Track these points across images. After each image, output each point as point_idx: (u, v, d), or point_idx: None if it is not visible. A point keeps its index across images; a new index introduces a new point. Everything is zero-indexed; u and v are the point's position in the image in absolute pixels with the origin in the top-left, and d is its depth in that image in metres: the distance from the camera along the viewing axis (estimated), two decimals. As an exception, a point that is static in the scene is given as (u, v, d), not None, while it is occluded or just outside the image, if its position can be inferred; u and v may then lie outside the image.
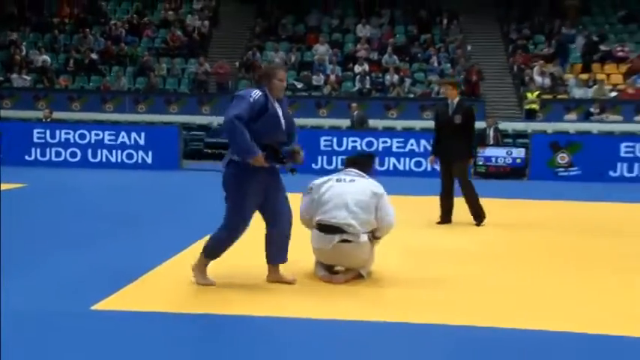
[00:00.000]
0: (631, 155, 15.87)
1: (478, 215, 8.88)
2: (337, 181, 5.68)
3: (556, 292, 5.57)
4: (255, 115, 5.07)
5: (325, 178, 5.77)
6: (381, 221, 5.63)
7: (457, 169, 8.91)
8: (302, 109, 21.77)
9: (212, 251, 5.41)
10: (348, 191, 5.55)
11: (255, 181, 5.20)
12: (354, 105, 19.16)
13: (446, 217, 8.94)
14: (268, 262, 5.55)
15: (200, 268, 5.42)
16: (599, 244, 7.91)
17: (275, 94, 5.25)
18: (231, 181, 5.23)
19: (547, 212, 10.61)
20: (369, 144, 16.18)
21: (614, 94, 22.75)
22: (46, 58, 24.48)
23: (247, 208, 5.28)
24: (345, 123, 19.74)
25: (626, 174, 15.79)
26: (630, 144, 16.05)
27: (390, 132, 18.65)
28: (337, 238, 5.49)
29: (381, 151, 16.08)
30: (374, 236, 5.71)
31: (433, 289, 5.60)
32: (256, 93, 5.17)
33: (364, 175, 5.79)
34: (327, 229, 5.54)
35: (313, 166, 15.51)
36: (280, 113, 5.27)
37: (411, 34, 25.94)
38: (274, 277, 5.54)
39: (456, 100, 8.98)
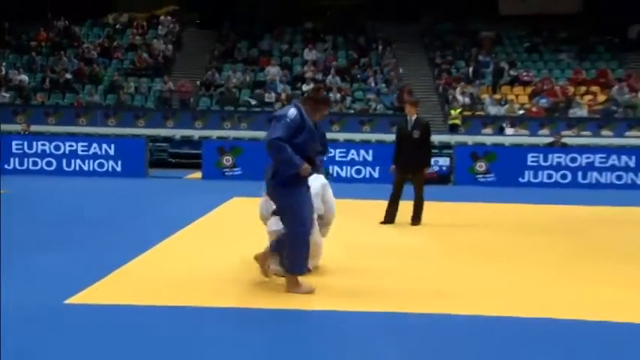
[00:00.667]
0: (536, 164, 16.12)
1: (418, 217, 8.91)
2: None
3: (481, 281, 5.63)
4: (293, 132, 4.92)
5: None
6: (328, 208, 5.85)
7: (416, 177, 8.93)
8: (256, 124, 21.65)
9: (302, 264, 5.08)
10: None
11: (301, 189, 5.04)
12: None
13: (390, 219, 8.92)
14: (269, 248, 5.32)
15: (299, 287, 5.06)
16: (513, 239, 8.04)
17: (312, 118, 5.10)
18: (283, 189, 5.02)
19: (469, 212, 10.77)
20: (315, 154, 16.16)
21: (521, 111, 23.22)
22: (24, 77, 23.86)
23: (304, 207, 5.04)
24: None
25: (532, 180, 16.03)
26: (535, 154, 16.30)
27: (333, 143, 18.52)
28: None
29: (326, 160, 16.01)
30: (322, 223, 5.81)
31: (378, 280, 5.58)
32: (292, 112, 4.98)
33: None
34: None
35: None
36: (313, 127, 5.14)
37: (352, 58, 26.05)
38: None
39: (414, 116, 8.95)
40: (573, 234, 8.65)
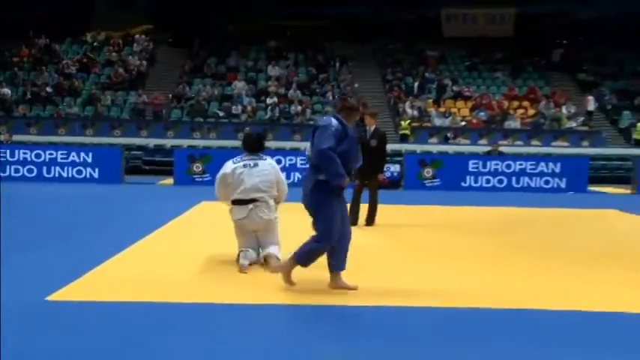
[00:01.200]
0: (476, 170, 16.30)
1: (372, 218, 8.90)
2: (244, 166, 5.83)
3: (431, 275, 5.67)
4: (337, 141, 4.77)
5: (233, 165, 5.85)
6: (281, 191, 5.98)
7: (372, 182, 8.90)
8: (224, 134, 21.55)
9: (306, 259, 4.91)
10: (255, 174, 5.78)
11: (337, 201, 4.89)
12: (247, 129, 19.00)
13: (354, 220, 8.85)
14: (331, 271, 5.00)
15: (288, 271, 4.94)
16: (457, 237, 8.12)
17: (350, 123, 4.97)
18: (322, 198, 4.80)
19: (418, 214, 10.82)
20: (278, 161, 16.02)
21: (463, 123, 23.55)
22: (7, 90, 23.28)
23: (337, 220, 4.85)
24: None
25: (473, 184, 16.19)
26: (475, 161, 16.49)
27: (294, 151, 18.54)
28: (251, 205, 5.71)
29: (288, 167, 15.98)
30: (276, 201, 5.94)
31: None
32: (335, 122, 4.83)
33: (261, 156, 5.97)
34: (243, 202, 5.73)
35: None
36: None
37: (311, 73, 26.11)
38: (337, 284, 4.99)
39: (373, 127, 8.92)
40: (509, 232, 8.79)
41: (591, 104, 24.19)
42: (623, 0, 27.47)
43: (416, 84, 25.39)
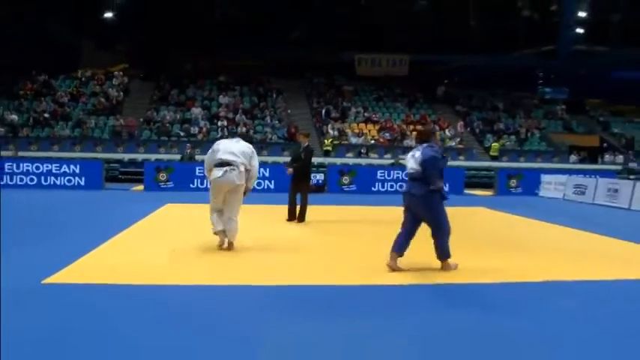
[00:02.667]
0: (383, 178, 16.52)
1: (303, 216, 8.92)
2: (229, 141, 6.14)
3: (351, 258, 5.80)
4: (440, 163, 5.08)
5: (222, 139, 6.26)
6: (252, 167, 6.07)
7: (302, 187, 8.94)
8: (184, 149, 21.08)
9: (448, 252, 5.16)
10: (234, 146, 6.02)
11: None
12: (188, 145, 18.81)
13: (291, 217, 8.91)
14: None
15: (448, 266, 5.14)
16: (368, 228, 8.34)
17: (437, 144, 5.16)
18: (439, 202, 5.13)
19: (338, 212, 10.94)
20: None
21: (372, 141, 24.00)
22: (14, 117, 22.49)
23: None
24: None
25: (380, 189, 16.40)
26: (382, 171, 16.73)
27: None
28: (227, 167, 5.83)
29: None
30: (246, 184, 6.06)
31: (279, 256, 5.63)
32: (440, 151, 5.14)
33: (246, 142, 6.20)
34: (220, 164, 5.88)
35: (191, 185, 15.10)
36: None
37: (254, 102, 25.99)
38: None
39: (306, 144, 9.00)
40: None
41: (461, 127, 25.60)
42: (484, 53, 29.14)
43: (337, 110, 25.71)
